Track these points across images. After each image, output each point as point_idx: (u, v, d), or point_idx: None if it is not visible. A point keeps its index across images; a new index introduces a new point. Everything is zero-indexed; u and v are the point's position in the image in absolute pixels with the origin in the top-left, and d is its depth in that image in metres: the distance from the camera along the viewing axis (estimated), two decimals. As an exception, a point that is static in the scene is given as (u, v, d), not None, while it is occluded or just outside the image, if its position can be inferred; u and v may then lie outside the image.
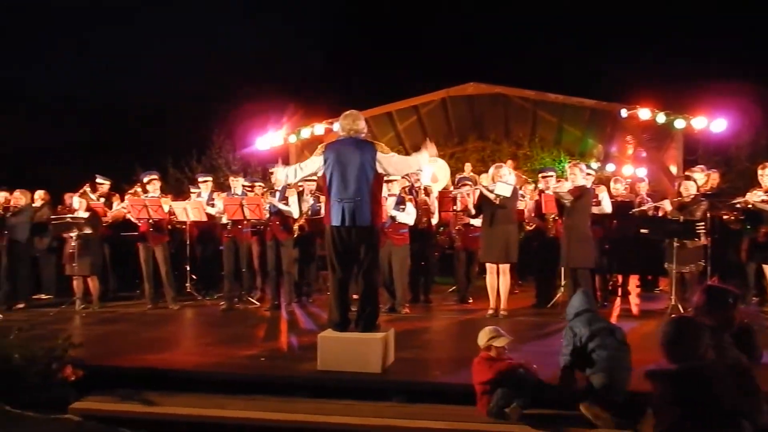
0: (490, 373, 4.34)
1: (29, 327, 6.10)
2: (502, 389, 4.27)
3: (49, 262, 9.98)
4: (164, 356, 5.75)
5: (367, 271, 5.23)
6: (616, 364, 4.24)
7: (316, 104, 14.24)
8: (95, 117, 23.94)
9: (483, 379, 4.37)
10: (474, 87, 12.47)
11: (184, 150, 16.02)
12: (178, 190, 13.53)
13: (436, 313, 8.14)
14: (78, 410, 4.78)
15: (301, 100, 15.14)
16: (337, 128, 5.63)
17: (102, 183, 9.86)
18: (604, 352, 4.25)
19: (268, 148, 12.62)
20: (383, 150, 5.29)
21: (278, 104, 14.53)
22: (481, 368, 4.42)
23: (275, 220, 8.23)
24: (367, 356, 5.02)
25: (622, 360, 4.30)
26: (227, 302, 8.37)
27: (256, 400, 4.78)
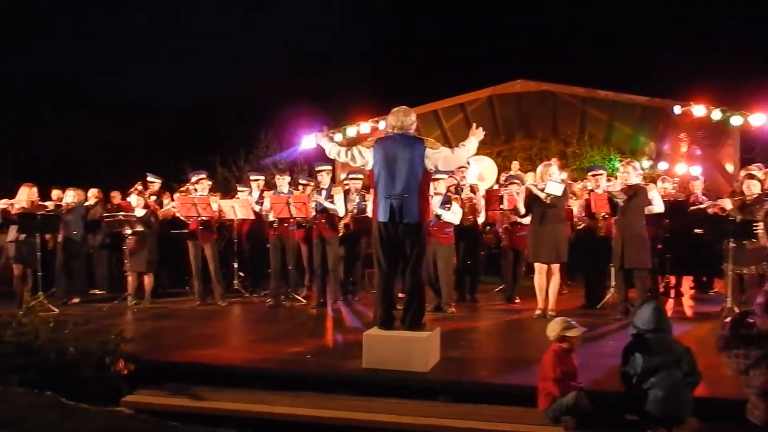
0: (559, 368, 4.17)
1: (84, 321, 6.26)
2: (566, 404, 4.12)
3: (102, 259, 10.26)
4: (212, 352, 5.83)
5: (413, 268, 5.19)
6: (672, 405, 3.98)
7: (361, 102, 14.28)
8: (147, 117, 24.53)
9: (551, 374, 4.18)
10: (521, 84, 12.32)
11: (232, 149, 16.28)
12: (225, 188, 13.77)
13: (483, 313, 8.05)
14: (130, 403, 4.89)
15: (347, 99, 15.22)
16: (386, 125, 5.60)
17: (153, 181, 10.08)
18: (660, 392, 3.97)
19: (314, 146, 12.69)
20: (432, 146, 5.24)
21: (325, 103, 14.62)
22: (552, 362, 4.23)
23: (321, 218, 8.26)
24: (412, 355, 4.98)
25: (682, 394, 4.03)
26: (274, 299, 8.45)
27: (302, 396, 4.80)
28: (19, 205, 8.70)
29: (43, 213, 8.63)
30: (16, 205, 8.74)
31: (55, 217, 8.79)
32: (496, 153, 13.92)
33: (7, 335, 5.48)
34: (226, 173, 15.98)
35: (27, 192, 8.83)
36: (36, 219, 8.39)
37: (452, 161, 5.43)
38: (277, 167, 15.14)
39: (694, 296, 9.19)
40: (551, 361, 4.24)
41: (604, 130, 13.83)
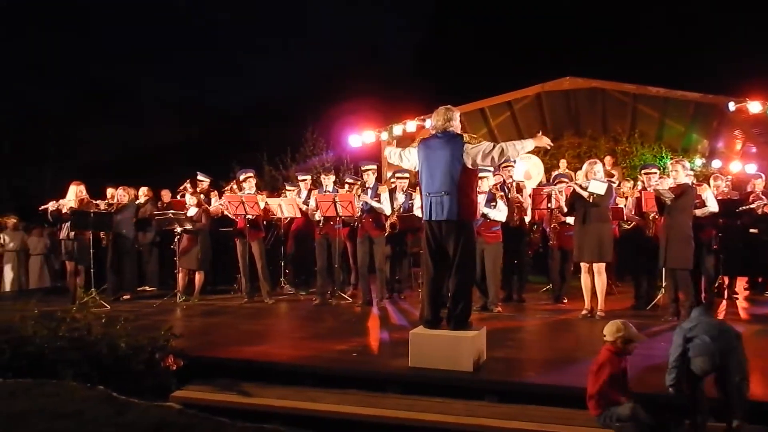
0: (611, 372, 4.04)
1: (134, 318, 6.38)
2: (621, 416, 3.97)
3: (152, 256, 10.49)
4: (260, 349, 5.88)
5: (459, 267, 5.12)
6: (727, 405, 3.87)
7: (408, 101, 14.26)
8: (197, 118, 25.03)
9: (604, 375, 4.05)
10: (570, 81, 12.10)
11: (279, 148, 16.45)
12: (272, 186, 13.92)
13: (530, 313, 7.92)
14: (179, 398, 4.97)
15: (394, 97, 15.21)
16: (430, 124, 5.56)
17: (202, 180, 10.25)
18: (706, 336, 3.91)
19: (360, 145, 12.74)
20: (472, 141, 5.16)
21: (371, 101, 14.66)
22: (605, 365, 4.09)
23: (367, 217, 8.26)
24: (458, 354, 4.92)
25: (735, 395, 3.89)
26: (320, 297, 8.48)
27: (349, 394, 4.80)
28: (68, 204, 8.95)
29: (95, 211, 8.87)
30: (65, 203, 8.99)
31: (107, 215, 9.03)
32: (543, 151, 13.70)
33: (62, 330, 5.64)
34: (273, 172, 16.15)
35: (75, 191, 9.08)
36: (89, 217, 8.62)
37: (498, 155, 5.16)
38: (323, 166, 15.25)
39: (749, 297, 8.87)
40: (604, 364, 4.11)
41: (655, 128, 13.48)
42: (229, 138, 22.39)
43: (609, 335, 4.20)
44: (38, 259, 11.85)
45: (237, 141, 20.88)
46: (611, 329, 4.21)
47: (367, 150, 12.81)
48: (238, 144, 19.89)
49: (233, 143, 20.35)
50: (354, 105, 16.87)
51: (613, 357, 4.13)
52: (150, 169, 17.44)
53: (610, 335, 4.19)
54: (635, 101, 12.64)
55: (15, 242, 11.76)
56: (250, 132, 22.13)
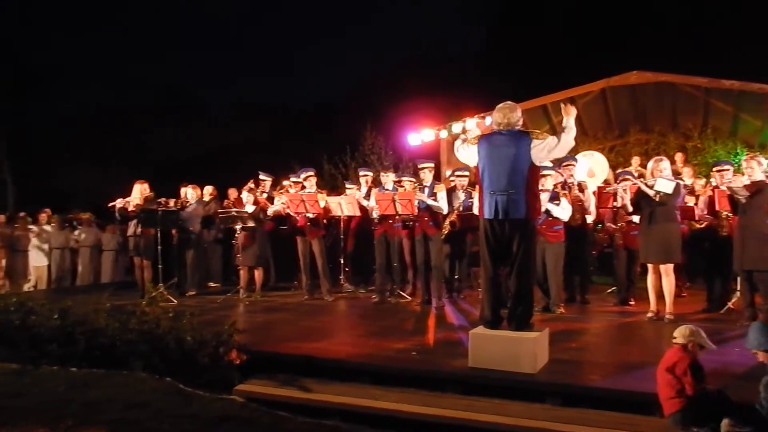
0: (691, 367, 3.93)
1: (200, 312, 6.57)
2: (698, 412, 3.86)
3: (216, 253, 10.77)
4: (320, 345, 5.94)
5: (521, 268, 5.04)
6: None
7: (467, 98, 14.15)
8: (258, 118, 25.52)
9: (680, 373, 3.94)
10: (637, 76, 11.71)
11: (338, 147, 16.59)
12: (332, 185, 14.05)
13: (594, 315, 7.72)
14: (241, 392, 5.07)
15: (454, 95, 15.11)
16: (491, 121, 5.47)
17: (264, 179, 10.44)
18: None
19: (419, 143, 12.71)
20: (538, 137, 5.06)
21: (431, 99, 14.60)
22: (680, 361, 3.98)
23: (424, 216, 8.23)
24: (519, 355, 4.84)
25: None
26: (379, 295, 8.51)
27: (408, 393, 4.79)
28: (133, 202, 9.27)
29: (163, 209, 9.16)
30: (131, 201, 9.32)
31: (174, 212, 9.32)
32: (608, 148, 13.35)
33: (132, 323, 5.86)
34: (333, 170, 16.30)
35: (140, 189, 9.39)
36: (156, 214, 8.91)
37: (560, 148, 5.05)
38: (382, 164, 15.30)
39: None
40: (678, 364, 3.98)
41: (729, 123, 12.90)
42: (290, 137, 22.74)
43: (680, 338, 4.09)
44: (110, 254, 12.37)
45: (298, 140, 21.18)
46: (683, 332, 4.10)
47: (426, 148, 12.77)
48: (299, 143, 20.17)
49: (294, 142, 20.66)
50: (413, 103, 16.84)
51: (686, 357, 4.01)
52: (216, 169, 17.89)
53: (681, 338, 4.08)
54: (707, 95, 12.13)
55: (89, 238, 12.32)
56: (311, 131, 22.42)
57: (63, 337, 6.03)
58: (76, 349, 5.90)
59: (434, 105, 15.47)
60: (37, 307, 6.61)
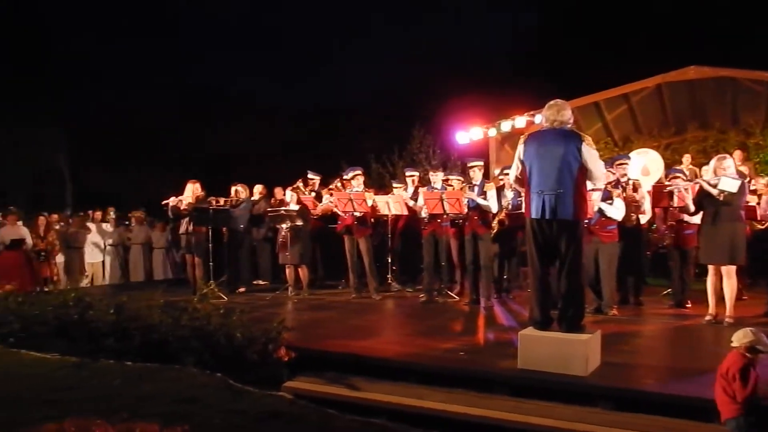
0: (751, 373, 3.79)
1: (249, 310, 6.66)
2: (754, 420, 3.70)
3: (265, 251, 10.91)
4: (367, 344, 5.95)
5: (570, 268, 4.94)
6: None
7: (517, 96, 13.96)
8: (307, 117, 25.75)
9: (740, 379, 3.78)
10: (695, 71, 11.33)
11: (386, 145, 16.60)
12: (380, 184, 14.07)
13: (648, 317, 7.50)
14: (290, 389, 5.12)
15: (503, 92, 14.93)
16: (541, 119, 5.38)
17: (313, 178, 10.52)
18: None
19: (467, 142, 12.61)
20: (590, 143, 4.98)
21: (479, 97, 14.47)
22: (739, 365, 3.84)
23: (474, 215, 8.15)
24: (570, 358, 4.74)
25: None
26: (427, 295, 8.47)
27: (455, 393, 4.75)
28: (186, 201, 9.47)
29: (214, 207, 9.33)
30: (183, 200, 9.52)
31: (225, 211, 9.48)
32: (664, 146, 12.95)
33: (184, 319, 5.98)
34: (380, 169, 16.32)
35: (192, 188, 9.58)
36: (209, 213, 9.08)
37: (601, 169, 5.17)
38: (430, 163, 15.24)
39: None
40: (738, 368, 3.82)
41: (793, 119, 12.37)
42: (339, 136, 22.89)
43: (736, 341, 3.94)
44: (160, 252, 12.71)
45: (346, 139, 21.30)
46: (740, 336, 3.95)
47: (474, 146, 12.66)
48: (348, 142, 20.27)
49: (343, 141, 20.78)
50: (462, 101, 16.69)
51: (739, 362, 3.86)
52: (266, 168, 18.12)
53: (737, 341, 3.93)
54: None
55: (140, 236, 12.67)
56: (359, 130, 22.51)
57: (119, 332, 6.21)
58: (131, 343, 6.07)
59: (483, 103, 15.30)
60: (94, 302, 6.82)
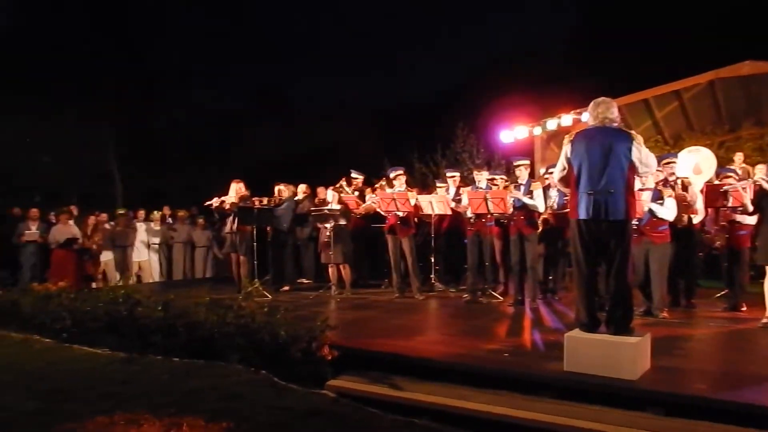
0: None
1: (293, 308, 6.71)
2: None
3: (308, 250, 11.00)
4: (410, 343, 5.91)
5: (619, 268, 4.83)
6: None
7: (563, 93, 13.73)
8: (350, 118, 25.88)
9: None
10: (750, 66, 10.94)
11: (429, 144, 16.53)
12: (423, 184, 14.02)
13: (700, 320, 7.27)
14: (333, 387, 5.13)
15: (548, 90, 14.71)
16: (587, 117, 5.27)
17: (356, 177, 10.55)
18: None
19: (512, 141, 12.46)
20: (639, 141, 4.87)
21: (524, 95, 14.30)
22: None
23: (519, 215, 8.04)
24: (619, 361, 4.63)
25: None
26: (471, 295, 8.40)
27: (500, 395, 4.67)
28: (230, 200, 9.60)
29: (259, 207, 9.45)
30: (227, 199, 9.65)
31: (269, 210, 9.59)
32: (718, 144, 12.55)
33: (230, 316, 6.06)
34: (424, 169, 16.26)
35: (236, 188, 9.71)
36: (253, 212, 9.19)
37: (652, 162, 5.02)
38: (474, 162, 15.12)
39: None
40: None
41: None
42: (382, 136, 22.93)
43: None
44: (202, 250, 12.95)
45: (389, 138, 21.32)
46: None
47: (519, 146, 12.50)
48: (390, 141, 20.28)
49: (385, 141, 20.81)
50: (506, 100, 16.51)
51: None
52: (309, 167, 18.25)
53: None
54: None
55: (183, 235, 12.93)
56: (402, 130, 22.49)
57: (166, 328, 6.34)
58: (178, 340, 6.19)
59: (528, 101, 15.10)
60: (142, 299, 6.98)
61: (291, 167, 18.75)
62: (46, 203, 16.95)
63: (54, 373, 5.81)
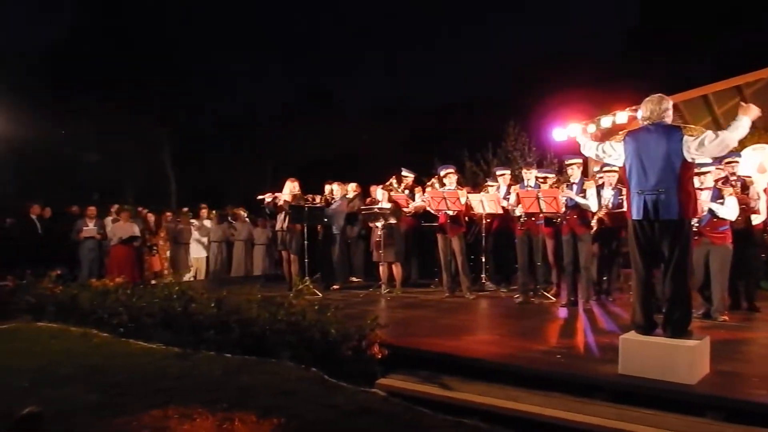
0: None
1: (343, 306, 6.73)
2: None
3: (359, 249, 11.05)
4: (460, 343, 5.88)
5: (675, 271, 4.68)
6: None
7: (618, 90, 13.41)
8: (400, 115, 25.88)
9: None
10: (818, 60, 10.46)
11: (480, 142, 16.39)
12: (474, 182, 13.91)
13: (762, 324, 7.00)
14: (383, 386, 5.14)
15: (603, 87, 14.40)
16: (640, 115, 5.13)
17: (407, 176, 10.54)
18: None
19: (564, 139, 12.24)
20: (690, 132, 4.67)
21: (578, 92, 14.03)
22: None
23: (572, 214, 7.89)
24: (676, 364, 4.49)
25: None
26: (522, 295, 8.29)
27: (552, 397, 4.60)
28: (283, 198, 9.71)
29: (310, 205, 9.54)
30: (281, 197, 9.77)
31: (320, 209, 9.67)
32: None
33: (281, 314, 6.14)
34: (474, 167, 16.13)
35: (290, 187, 9.82)
36: (304, 211, 9.29)
37: (716, 145, 4.64)
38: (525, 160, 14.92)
39: None
40: None
41: None
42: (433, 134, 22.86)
43: None
44: (261, 248, 13.14)
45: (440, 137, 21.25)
46: None
47: (572, 143, 12.25)
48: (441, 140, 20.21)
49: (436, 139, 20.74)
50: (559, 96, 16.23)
51: None
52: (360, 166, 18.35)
53: None
54: None
55: (243, 232, 13.17)
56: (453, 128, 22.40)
57: (219, 324, 6.47)
58: (230, 336, 6.31)
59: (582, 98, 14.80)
60: (196, 296, 7.13)
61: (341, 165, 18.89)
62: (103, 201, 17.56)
63: (111, 366, 6.00)
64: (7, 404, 4.44)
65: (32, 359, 6.36)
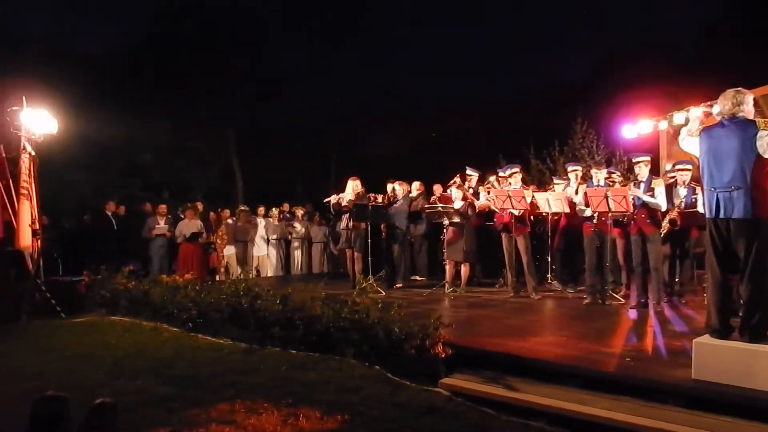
0: None
1: (406, 305, 6.74)
2: None
3: (422, 247, 11.03)
4: (526, 344, 5.78)
5: (753, 271, 4.47)
6: None
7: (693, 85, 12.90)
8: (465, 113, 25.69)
9: None
10: None
11: (546, 140, 16.07)
12: (540, 181, 13.67)
13: None
14: (447, 386, 5.11)
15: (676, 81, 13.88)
16: (716, 110, 4.91)
17: (471, 175, 10.45)
18: None
19: (634, 136, 11.87)
20: (766, 126, 4.46)
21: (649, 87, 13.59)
22: None
23: (641, 213, 7.64)
24: (756, 370, 4.27)
25: None
26: (590, 296, 8.08)
27: (622, 401, 4.46)
28: (346, 197, 9.79)
29: (373, 204, 9.59)
30: (344, 197, 9.85)
31: (383, 207, 9.72)
32: None
33: (345, 311, 6.19)
34: (540, 165, 15.84)
35: (352, 185, 9.89)
36: (367, 209, 9.35)
37: None
38: (593, 158, 14.56)
39: None
40: None
41: None
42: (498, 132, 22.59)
43: None
44: (319, 246, 13.35)
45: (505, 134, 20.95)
46: None
47: (643, 141, 11.88)
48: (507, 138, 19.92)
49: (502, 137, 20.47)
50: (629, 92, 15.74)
51: None
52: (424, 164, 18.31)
53: None
54: None
55: (303, 230, 13.38)
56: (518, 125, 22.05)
57: (284, 321, 6.58)
58: (295, 333, 6.41)
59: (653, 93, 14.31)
60: (262, 293, 7.27)
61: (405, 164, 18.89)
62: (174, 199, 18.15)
63: (181, 360, 6.19)
64: (84, 395, 4.64)
65: (107, 352, 6.64)
